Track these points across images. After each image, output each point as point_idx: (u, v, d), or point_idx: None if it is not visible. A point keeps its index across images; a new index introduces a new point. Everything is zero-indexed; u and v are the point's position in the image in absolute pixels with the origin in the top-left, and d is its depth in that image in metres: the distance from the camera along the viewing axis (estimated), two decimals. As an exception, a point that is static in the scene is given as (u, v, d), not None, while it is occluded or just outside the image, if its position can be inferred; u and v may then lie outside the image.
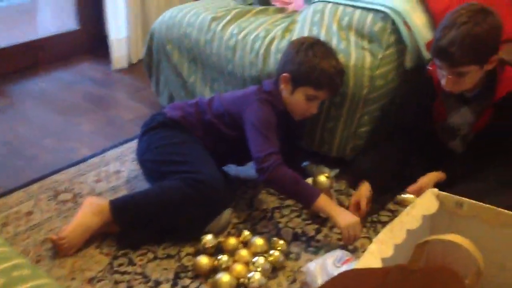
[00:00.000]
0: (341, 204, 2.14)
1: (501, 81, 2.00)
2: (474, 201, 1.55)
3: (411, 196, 2.03)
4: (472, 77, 1.94)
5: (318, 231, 2.03)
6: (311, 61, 2.04)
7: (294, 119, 2.15)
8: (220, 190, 1.95)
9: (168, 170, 2.02)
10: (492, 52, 1.91)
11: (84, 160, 2.45)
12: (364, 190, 2.08)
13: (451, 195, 1.58)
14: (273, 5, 2.79)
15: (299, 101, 2.08)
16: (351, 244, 1.92)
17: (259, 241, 1.90)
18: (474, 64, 1.89)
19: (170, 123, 2.14)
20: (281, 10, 2.72)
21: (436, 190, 1.59)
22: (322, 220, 2.07)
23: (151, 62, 2.87)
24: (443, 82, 1.98)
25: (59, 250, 1.89)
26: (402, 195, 2.07)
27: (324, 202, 1.91)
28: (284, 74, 2.07)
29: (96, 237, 1.95)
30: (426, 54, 2.23)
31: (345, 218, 1.89)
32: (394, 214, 2.10)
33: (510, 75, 2.00)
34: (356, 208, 2.05)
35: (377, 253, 1.35)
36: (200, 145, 2.10)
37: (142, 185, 2.24)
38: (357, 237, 1.89)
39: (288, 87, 2.08)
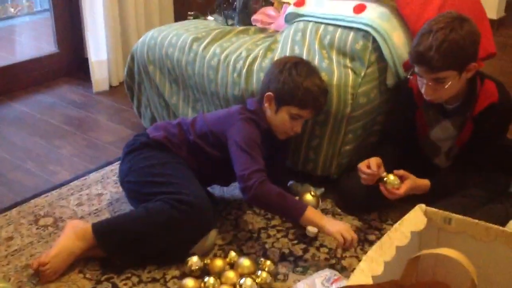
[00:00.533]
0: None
1: (481, 94, 2.02)
2: (462, 217, 1.55)
3: (393, 177, 2.02)
4: (451, 84, 1.94)
5: (305, 251, 2.01)
6: (295, 80, 2.04)
7: (278, 138, 2.14)
8: (206, 211, 1.92)
9: (151, 191, 1.99)
10: (470, 58, 1.93)
11: (65, 183, 2.41)
12: (373, 158, 2.06)
13: (439, 211, 1.58)
14: (254, 25, 2.80)
15: (283, 120, 2.07)
16: (349, 249, 1.87)
17: (246, 262, 1.87)
18: (452, 69, 1.91)
19: (153, 143, 2.11)
20: (262, 30, 2.73)
21: (423, 206, 1.59)
22: (309, 239, 2.06)
23: (132, 83, 2.85)
24: (423, 90, 2.00)
25: (41, 276, 1.84)
26: (386, 174, 2.03)
27: (313, 214, 1.90)
28: (267, 93, 2.07)
29: (79, 261, 1.91)
30: (402, 72, 2.24)
31: (335, 224, 1.88)
32: (381, 232, 2.09)
33: (489, 88, 2.03)
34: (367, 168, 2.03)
35: (367, 271, 1.33)
36: (184, 165, 2.08)
37: (125, 207, 2.21)
38: (354, 240, 1.85)
39: (272, 106, 2.08)
